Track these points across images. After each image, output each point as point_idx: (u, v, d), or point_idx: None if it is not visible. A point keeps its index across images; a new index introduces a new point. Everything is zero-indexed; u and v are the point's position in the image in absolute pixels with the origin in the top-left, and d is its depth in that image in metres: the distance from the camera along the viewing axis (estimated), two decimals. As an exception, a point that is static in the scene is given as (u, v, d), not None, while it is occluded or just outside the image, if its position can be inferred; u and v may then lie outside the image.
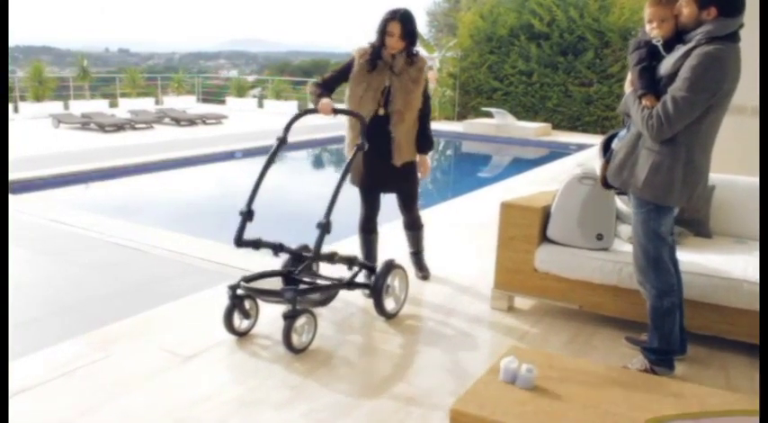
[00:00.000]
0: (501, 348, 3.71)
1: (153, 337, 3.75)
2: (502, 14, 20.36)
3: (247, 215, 3.88)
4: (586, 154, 13.28)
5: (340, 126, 4.91)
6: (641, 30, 3.38)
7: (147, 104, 20.14)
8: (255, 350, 3.63)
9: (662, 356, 3.43)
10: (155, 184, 11.06)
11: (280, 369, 3.42)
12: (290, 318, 3.47)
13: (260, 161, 3.83)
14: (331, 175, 13.64)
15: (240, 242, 3.84)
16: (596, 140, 15.19)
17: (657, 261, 3.34)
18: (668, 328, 3.40)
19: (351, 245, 4.98)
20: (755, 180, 4.35)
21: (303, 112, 4.22)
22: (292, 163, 13.96)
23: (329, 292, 3.82)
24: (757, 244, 4.14)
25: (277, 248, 4.00)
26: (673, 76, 3.10)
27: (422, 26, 23.80)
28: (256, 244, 3.93)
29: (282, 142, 3.98)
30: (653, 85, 3.20)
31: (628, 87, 3.39)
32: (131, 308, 4.20)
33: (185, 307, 4.26)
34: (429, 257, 4.98)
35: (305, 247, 4.17)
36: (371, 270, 4.15)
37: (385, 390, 3.25)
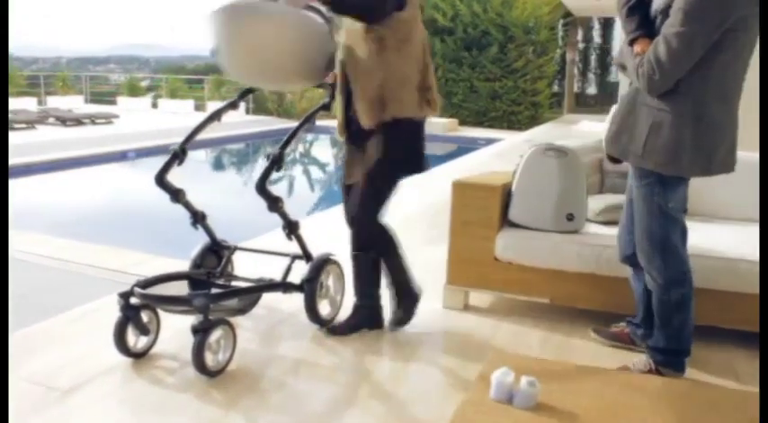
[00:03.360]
0: (469, 357, 3.05)
1: (20, 367, 2.84)
2: (405, 9, 19.90)
3: (179, 154, 3.15)
4: (501, 146, 12.93)
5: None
6: None
7: (28, 104, 18.52)
8: (158, 376, 2.79)
9: (670, 357, 2.84)
10: (36, 186, 9.86)
11: (191, 400, 2.60)
12: (201, 332, 2.66)
13: (155, 161, 3.04)
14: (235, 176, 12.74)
15: (162, 182, 3.11)
16: (504, 135, 15.00)
17: (664, 244, 2.71)
18: (677, 324, 2.78)
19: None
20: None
21: None
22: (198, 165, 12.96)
23: (251, 296, 3.03)
24: (730, 223, 3.67)
25: (198, 217, 3.33)
26: (666, 10, 2.49)
27: (323, 23, 23.04)
28: (176, 194, 3.19)
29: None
30: (646, 26, 2.60)
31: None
32: (-7, 329, 3.27)
33: (65, 325, 3.36)
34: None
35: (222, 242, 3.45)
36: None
37: (334, 419, 2.50)
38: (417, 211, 6.32)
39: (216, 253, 3.48)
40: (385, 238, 3.22)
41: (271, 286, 3.10)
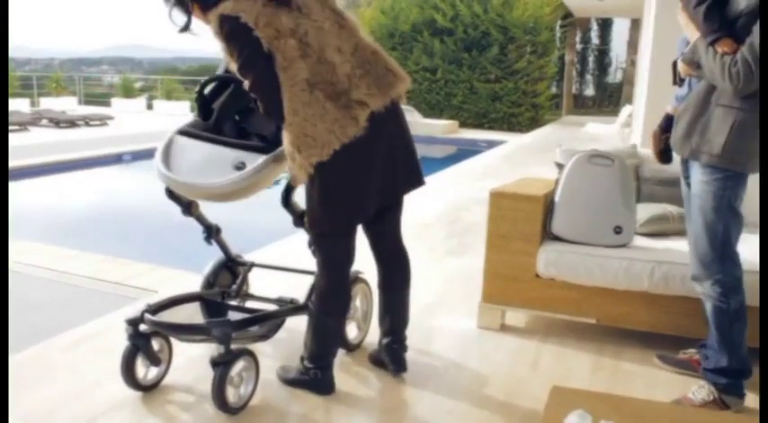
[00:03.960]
0: (517, 386, 2.75)
1: (12, 404, 2.51)
2: (404, 9, 19.68)
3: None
4: (507, 148, 12.63)
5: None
6: None
7: (21, 105, 18.14)
8: (172, 413, 2.48)
9: (733, 380, 2.60)
10: (29, 191, 9.50)
11: (210, 441, 2.30)
12: (222, 365, 2.35)
13: (151, 164, 2.68)
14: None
15: (173, 193, 2.76)
16: (504, 137, 14.76)
17: (725, 246, 2.54)
18: (738, 337, 2.58)
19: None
20: None
21: None
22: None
23: (275, 320, 2.71)
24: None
25: (212, 231, 3.00)
26: (757, 11, 2.32)
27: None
28: (188, 206, 2.86)
29: None
30: (725, 26, 2.41)
31: (691, 33, 2.53)
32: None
33: (62, 351, 3.02)
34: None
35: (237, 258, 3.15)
36: None
37: (373, 465, 2.20)
38: (431, 218, 6.01)
39: (230, 270, 3.17)
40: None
41: (296, 309, 2.78)
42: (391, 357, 2.78)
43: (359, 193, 2.43)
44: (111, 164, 11.54)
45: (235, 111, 2.85)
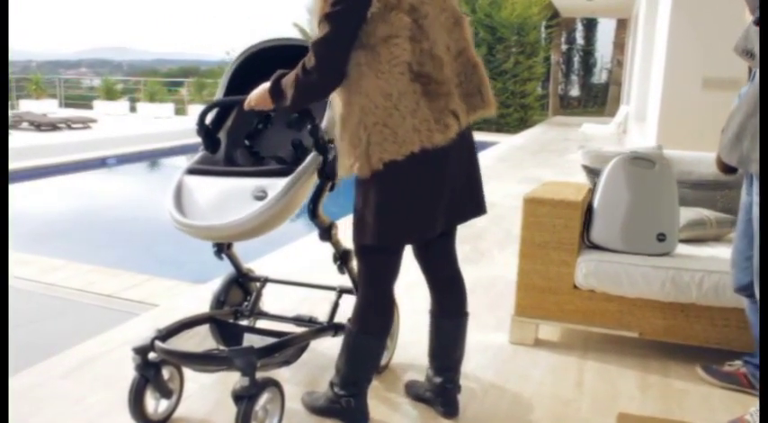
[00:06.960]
0: (564, 408, 2.51)
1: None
2: (391, 10, 19.39)
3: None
4: (501, 149, 12.43)
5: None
6: None
7: (-1, 109, 17.65)
8: (186, 449, 2.22)
9: None
10: (10, 197, 9.14)
11: (233, 483, 2.04)
12: (246, 399, 2.08)
13: (136, 168, 2.40)
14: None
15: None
16: (494, 138, 14.57)
17: None
18: None
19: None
20: None
21: None
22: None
23: (300, 342, 2.43)
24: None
25: (223, 246, 2.69)
26: None
27: (303, 26, 22.32)
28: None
29: None
30: None
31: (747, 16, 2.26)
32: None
33: (55, 379, 2.72)
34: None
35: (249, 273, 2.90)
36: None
37: None
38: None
39: (242, 286, 2.89)
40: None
41: (320, 331, 2.51)
42: (444, 399, 2.45)
43: (427, 208, 2.12)
44: (96, 168, 11.21)
45: (244, 135, 2.59)
